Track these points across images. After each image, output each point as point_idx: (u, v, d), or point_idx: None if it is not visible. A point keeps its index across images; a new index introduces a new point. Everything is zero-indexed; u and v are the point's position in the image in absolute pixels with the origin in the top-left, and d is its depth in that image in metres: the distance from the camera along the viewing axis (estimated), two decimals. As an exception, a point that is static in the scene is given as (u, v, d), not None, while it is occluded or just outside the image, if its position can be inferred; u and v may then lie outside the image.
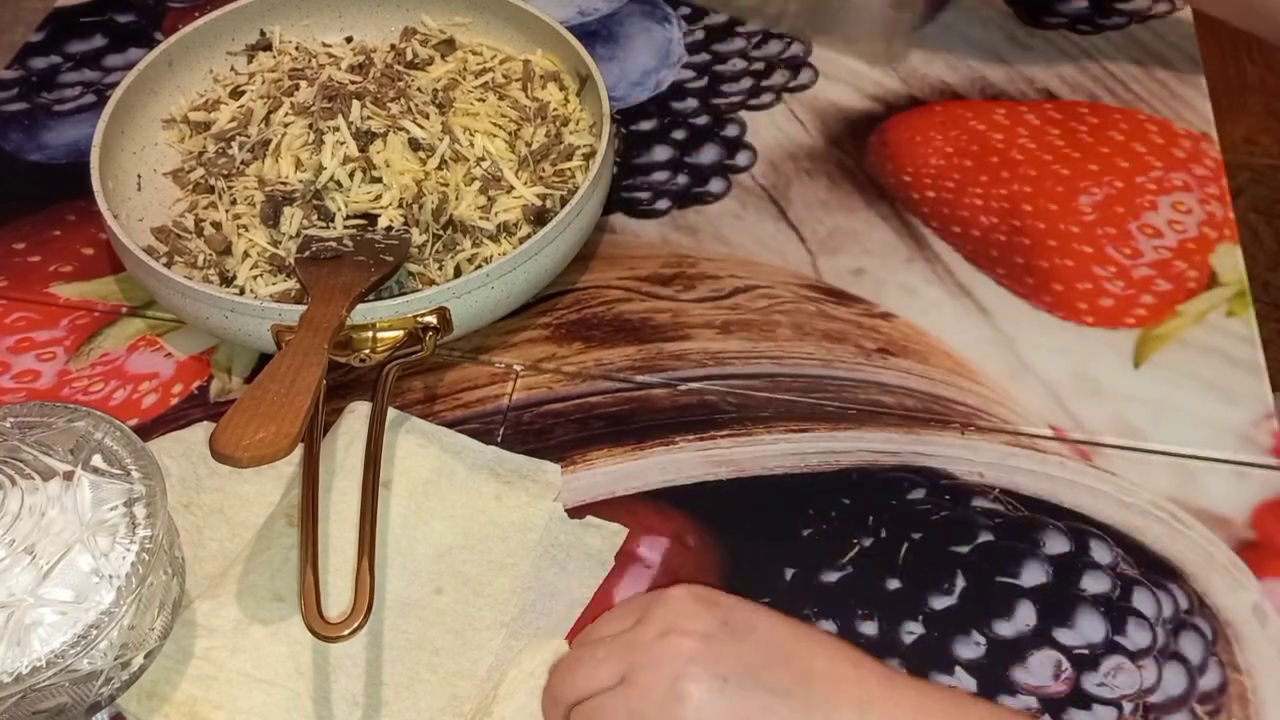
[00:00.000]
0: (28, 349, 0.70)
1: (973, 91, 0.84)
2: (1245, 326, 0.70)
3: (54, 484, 0.51)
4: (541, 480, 0.63)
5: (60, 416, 0.54)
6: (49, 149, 0.81)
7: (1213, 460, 0.64)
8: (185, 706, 0.54)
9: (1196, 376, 0.67)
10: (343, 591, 0.56)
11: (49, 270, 0.74)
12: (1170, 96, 0.83)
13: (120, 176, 0.73)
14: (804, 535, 0.61)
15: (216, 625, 0.56)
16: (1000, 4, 0.91)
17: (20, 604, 0.48)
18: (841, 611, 0.59)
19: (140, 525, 0.51)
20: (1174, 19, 0.89)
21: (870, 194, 0.78)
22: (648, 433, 0.65)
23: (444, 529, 0.61)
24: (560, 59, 0.79)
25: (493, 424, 0.66)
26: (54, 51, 0.88)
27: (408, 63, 0.78)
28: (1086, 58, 0.86)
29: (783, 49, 0.88)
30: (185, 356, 0.69)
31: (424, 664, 0.56)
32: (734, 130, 0.82)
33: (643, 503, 0.62)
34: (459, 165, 0.71)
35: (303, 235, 0.68)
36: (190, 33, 0.78)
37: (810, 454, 0.64)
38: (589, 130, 0.76)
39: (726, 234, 0.76)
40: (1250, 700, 0.55)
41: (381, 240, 0.67)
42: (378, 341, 0.63)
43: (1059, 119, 0.82)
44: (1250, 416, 0.66)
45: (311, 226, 0.68)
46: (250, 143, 0.72)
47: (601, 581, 0.59)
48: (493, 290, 0.65)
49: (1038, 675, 0.56)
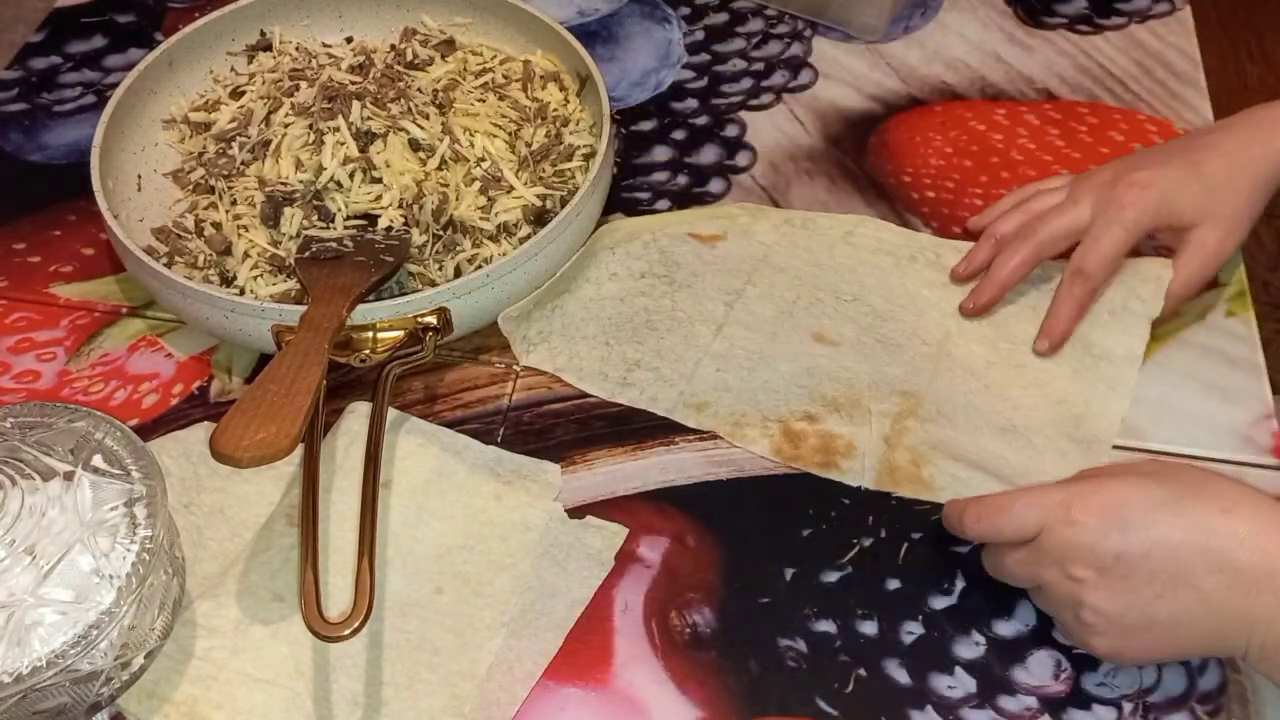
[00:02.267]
0: (28, 349, 0.70)
1: (973, 91, 0.84)
2: (1245, 326, 0.70)
3: (54, 484, 0.51)
4: (541, 480, 0.63)
5: (60, 417, 0.54)
6: (49, 149, 0.81)
7: (1213, 460, 0.64)
8: (185, 706, 0.54)
9: (1196, 376, 0.67)
10: (343, 591, 0.56)
11: (49, 270, 0.74)
12: (1170, 96, 0.83)
13: (120, 176, 0.73)
14: (804, 535, 0.61)
15: (216, 625, 0.56)
16: (1000, 4, 0.91)
17: (20, 604, 0.48)
18: (841, 611, 0.59)
19: (140, 525, 0.51)
20: (1174, 19, 0.89)
21: (870, 194, 0.78)
22: (648, 433, 0.65)
23: (444, 529, 0.61)
24: (560, 59, 0.79)
25: (493, 424, 0.66)
26: (54, 51, 0.88)
27: (408, 63, 0.78)
28: (1086, 58, 0.86)
29: (783, 49, 0.88)
30: (185, 357, 0.69)
31: (424, 664, 0.56)
32: (734, 130, 0.82)
33: (643, 503, 0.63)
34: (459, 165, 0.71)
35: (303, 235, 0.68)
36: (190, 33, 0.78)
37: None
38: (589, 130, 0.76)
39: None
40: (1250, 700, 0.55)
41: (381, 241, 0.67)
42: (378, 342, 0.63)
43: (1059, 119, 0.82)
44: (1250, 416, 0.66)
45: (311, 227, 0.68)
46: (250, 143, 0.72)
47: (601, 581, 0.59)
48: (493, 290, 0.65)
49: (1038, 675, 0.56)
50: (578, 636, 0.57)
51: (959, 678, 0.56)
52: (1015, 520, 0.54)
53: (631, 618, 0.58)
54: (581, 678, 0.56)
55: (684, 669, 0.57)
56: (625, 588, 0.59)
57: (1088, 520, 0.51)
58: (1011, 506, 0.54)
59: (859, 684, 0.56)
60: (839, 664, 0.57)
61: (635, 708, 0.56)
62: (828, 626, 0.58)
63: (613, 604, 0.59)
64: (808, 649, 0.57)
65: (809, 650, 0.57)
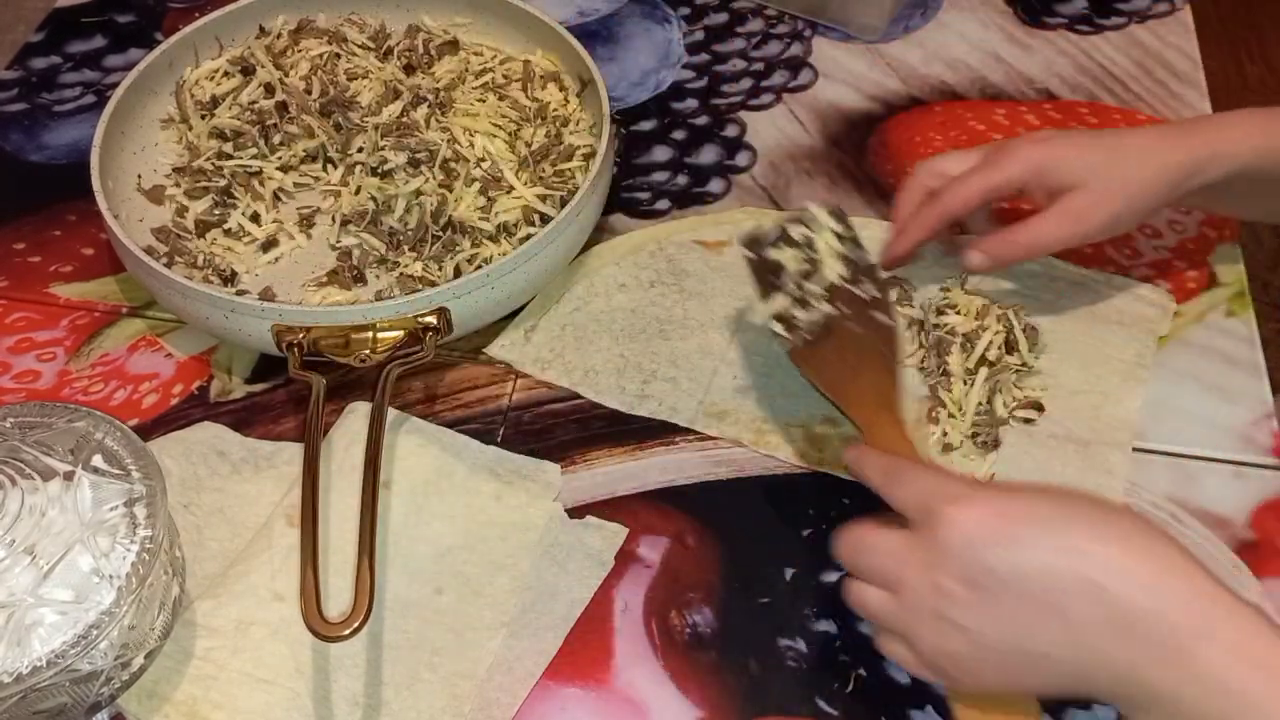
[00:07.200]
0: (28, 349, 0.70)
1: (973, 91, 0.84)
2: (1245, 326, 0.70)
3: (54, 484, 0.51)
4: (541, 480, 0.63)
5: (60, 417, 0.54)
6: (49, 149, 0.81)
7: (1212, 460, 0.64)
8: (185, 706, 0.54)
9: (1196, 376, 0.67)
10: (343, 591, 0.56)
11: (49, 270, 0.74)
12: (1170, 96, 0.83)
13: (120, 176, 0.73)
14: (804, 535, 0.61)
15: (216, 625, 0.56)
16: (1000, 4, 0.91)
17: (20, 604, 0.48)
18: (841, 611, 0.58)
19: (140, 525, 0.51)
20: (1174, 19, 0.89)
21: (870, 194, 0.78)
22: (648, 433, 0.65)
23: (444, 529, 0.61)
24: (560, 59, 0.79)
25: (493, 424, 0.66)
26: (54, 51, 0.88)
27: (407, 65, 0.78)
28: (1086, 58, 0.86)
29: (783, 49, 0.88)
30: (185, 357, 0.69)
31: (424, 664, 0.56)
32: (734, 130, 0.82)
33: (643, 503, 0.63)
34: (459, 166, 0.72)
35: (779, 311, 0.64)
36: (190, 33, 0.78)
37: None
38: (589, 131, 0.76)
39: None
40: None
41: (865, 297, 0.63)
42: (378, 341, 0.63)
43: (1058, 119, 0.82)
44: (1250, 416, 0.66)
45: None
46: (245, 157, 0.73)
47: (601, 581, 0.59)
48: (493, 290, 0.65)
49: (1037, 675, 0.56)
50: (578, 636, 0.57)
51: (959, 678, 0.56)
52: (901, 487, 0.50)
53: (631, 618, 0.58)
54: (581, 678, 0.56)
55: (684, 669, 0.57)
56: (625, 588, 0.59)
57: (967, 524, 0.46)
58: (907, 471, 0.51)
59: (859, 684, 0.56)
60: (839, 664, 0.57)
61: (635, 708, 0.56)
62: (828, 626, 0.58)
63: (613, 604, 0.59)
64: (808, 649, 0.57)
65: (809, 650, 0.57)
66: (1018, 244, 0.63)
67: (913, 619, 0.48)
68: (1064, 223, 0.62)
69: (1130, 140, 0.63)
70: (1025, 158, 0.62)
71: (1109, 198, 0.61)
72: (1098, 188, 0.61)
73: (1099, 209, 0.62)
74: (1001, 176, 0.62)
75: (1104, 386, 0.66)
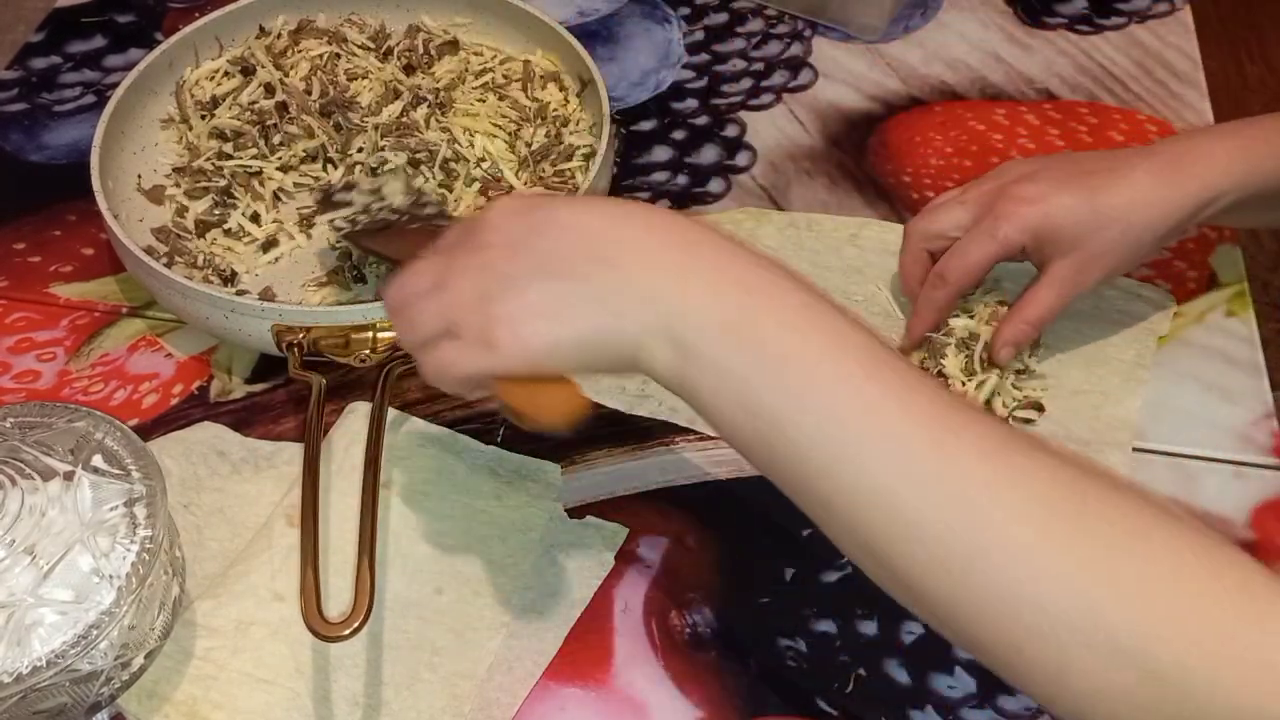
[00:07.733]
0: (28, 349, 0.70)
1: (972, 92, 0.84)
2: (1245, 326, 0.70)
3: (54, 484, 0.51)
4: (541, 480, 0.63)
5: (60, 417, 0.54)
6: (49, 149, 0.81)
7: (1212, 460, 0.64)
8: (185, 706, 0.54)
9: (1196, 376, 0.67)
10: (343, 591, 0.56)
11: (49, 270, 0.74)
12: (1170, 96, 0.83)
13: (120, 176, 0.73)
14: (804, 535, 0.61)
15: (216, 625, 0.56)
16: (1000, 4, 0.91)
17: (20, 604, 0.48)
18: (841, 611, 0.59)
19: (140, 525, 0.51)
20: (1174, 19, 0.89)
21: (870, 194, 0.78)
22: (648, 433, 0.65)
23: (444, 529, 0.61)
24: (560, 59, 0.79)
25: (493, 424, 0.66)
26: (54, 51, 0.88)
27: (407, 65, 0.78)
28: (1086, 58, 0.86)
29: (783, 49, 0.88)
30: (185, 357, 0.69)
31: (424, 664, 0.56)
32: (734, 130, 0.82)
33: (643, 503, 0.63)
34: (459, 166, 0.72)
35: (319, 203, 0.68)
36: (190, 33, 0.78)
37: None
38: (589, 130, 0.76)
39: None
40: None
41: (416, 207, 0.66)
42: (378, 341, 0.63)
43: (1058, 119, 0.82)
44: (1250, 416, 0.66)
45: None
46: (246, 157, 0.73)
47: (601, 581, 0.59)
48: (493, 290, 0.65)
49: (1037, 675, 0.56)
50: (578, 636, 0.57)
51: (959, 677, 0.56)
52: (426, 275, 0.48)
53: (631, 618, 0.58)
54: (581, 678, 0.56)
55: (684, 669, 0.57)
56: (625, 588, 0.59)
57: (503, 200, 0.48)
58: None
59: (859, 684, 0.56)
60: (839, 664, 0.57)
61: (635, 708, 0.56)
62: (828, 626, 0.58)
63: (613, 604, 0.59)
64: (808, 649, 0.57)
65: (809, 650, 0.57)
66: (1031, 323, 0.64)
67: (453, 278, 0.47)
68: (1065, 290, 0.63)
69: (1123, 192, 0.61)
70: (1022, 226, 0.62)
71: (1104, 258, 0.62)
72: (1094, 248, 0.62)
73: (1095, 269, 0.62)
74: (1002, 249, 0.63)
75: (1104, 386, 0.66)
